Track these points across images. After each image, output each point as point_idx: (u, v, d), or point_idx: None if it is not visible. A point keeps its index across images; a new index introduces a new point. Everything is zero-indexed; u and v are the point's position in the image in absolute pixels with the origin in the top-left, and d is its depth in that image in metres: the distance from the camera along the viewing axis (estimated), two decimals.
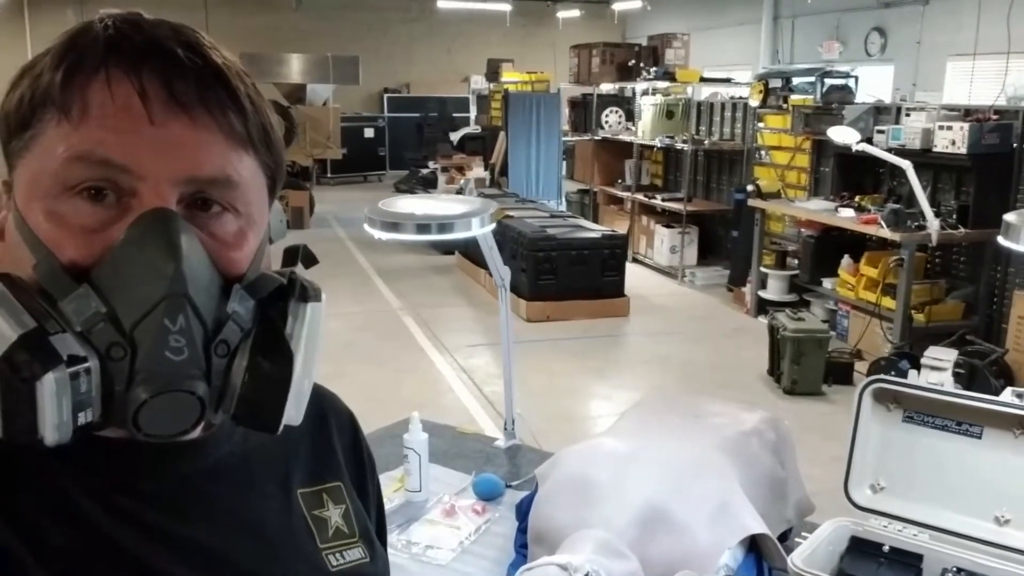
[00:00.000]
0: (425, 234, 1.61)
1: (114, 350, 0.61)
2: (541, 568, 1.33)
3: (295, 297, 0.70)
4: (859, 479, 1.36)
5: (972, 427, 1.28)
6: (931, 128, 5.45)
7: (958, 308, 5.67)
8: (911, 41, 9.84)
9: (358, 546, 0.81)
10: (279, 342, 0.68)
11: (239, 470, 0.75)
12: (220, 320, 0.65)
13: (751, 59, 12.33)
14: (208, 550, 0.69)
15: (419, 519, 1.84)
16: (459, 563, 1.70)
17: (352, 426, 0.90)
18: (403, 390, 5.26)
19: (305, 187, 11.37)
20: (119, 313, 0.61)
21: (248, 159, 0.68)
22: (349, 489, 0.84)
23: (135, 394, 0.61)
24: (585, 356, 6.07)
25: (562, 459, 1.70)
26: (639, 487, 1.54)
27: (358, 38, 15.64)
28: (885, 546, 1.27)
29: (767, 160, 7.67)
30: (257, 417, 0.67)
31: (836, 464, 2.83)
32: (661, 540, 1.47)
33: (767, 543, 1.55)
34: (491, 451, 2.24)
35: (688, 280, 8.20)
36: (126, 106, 0.62)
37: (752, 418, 1.82)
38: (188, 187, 0.65)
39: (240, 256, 0.68)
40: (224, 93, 0.65)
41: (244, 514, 0.74)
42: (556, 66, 13.08)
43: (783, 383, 5.25)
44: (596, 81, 9.84)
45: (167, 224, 0.62)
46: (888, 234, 5.41)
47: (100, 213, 0.63)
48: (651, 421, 1.85)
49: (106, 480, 0.67)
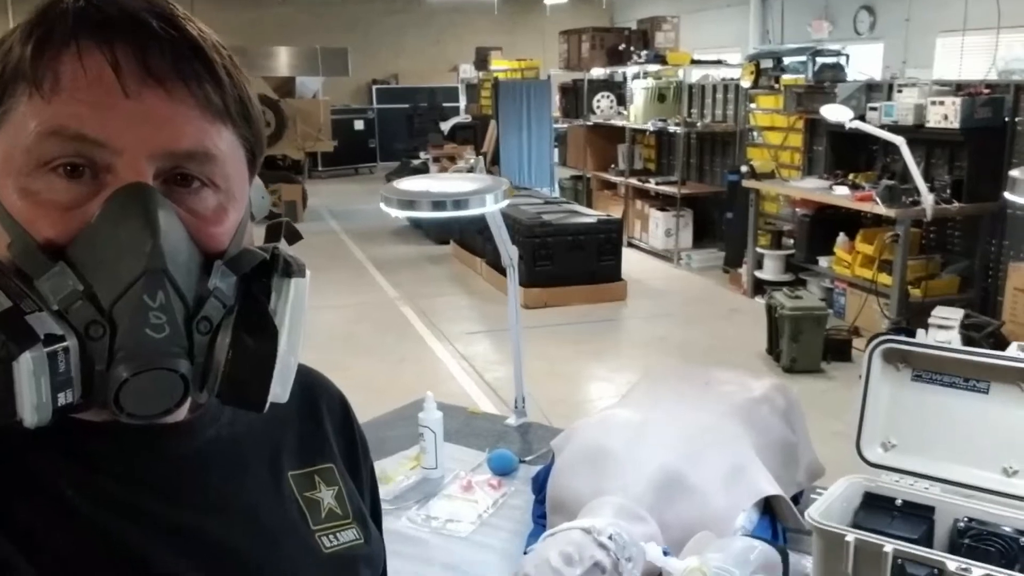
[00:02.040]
0: (440, 211, 1.63)
1: (93, 328, 0.59)
2: (565, 532, 1.36)
3: (278, 273, 0.69)
4: (870, 438, 1.39)
5: (979, 383, 1.32)
6: (923, 104, 5.49)
7: (954, 282, 5.72)
8: (900, 19, 9.85)
9: (352, 527, 0.80)
10: (263, 318, 0.66)
11: (228, 453, 0.73)
12: (201, 296, 0.64)
13: (740, 41, 12.34)
14: (199, 534, 0.68)
15: (437, 495, 1.87)
16: (479, 535, 1.73)
17: (343, 408, 0.89)
18: (404, 379, 5.28)
19: (297, 180, 11.36)
20: (97, 291, 0.60)
21: (226, 132, 0.66)
22: (342, 471, 0.83)
23: (116, 373, 0.59)
24: (584, 340, 6.11)
25: (577, 430, 1.73)
26: (654, 454, 1.57)
27: (345, 30, 15.58)
28: (898, 500, 1.31)
29: (760, 141, 7.70)
30: (242, 395, 0.66)
31: (838, 439, 2.86)
32: (678, 504, 1.50)
33: (781, 505, 1.59)
34: (502, 429, 2.27)
35: (684, 263, 8.24)
36: (99, 79, 0.60)
37: (761, 385, 1.85)
38: (165, 162, 0.63)
39: (220, 232, 0.66)
40: (200, 65, 0.64)
41: (234, 497, 0.73)
42: (545, 53, 13.07)
43: (782, 361, 5.30)
44: (587, 66, 9.84)
45: (144, 199, 0.61)
46: (883, 210, 5.45)
47: (75, 189, 0.61)
48: (662, 391, 1.89)
49: (90, 466, 0.65)
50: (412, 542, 1.70)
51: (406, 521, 1.77)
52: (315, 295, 3.74)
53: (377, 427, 2.27)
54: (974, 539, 1.22)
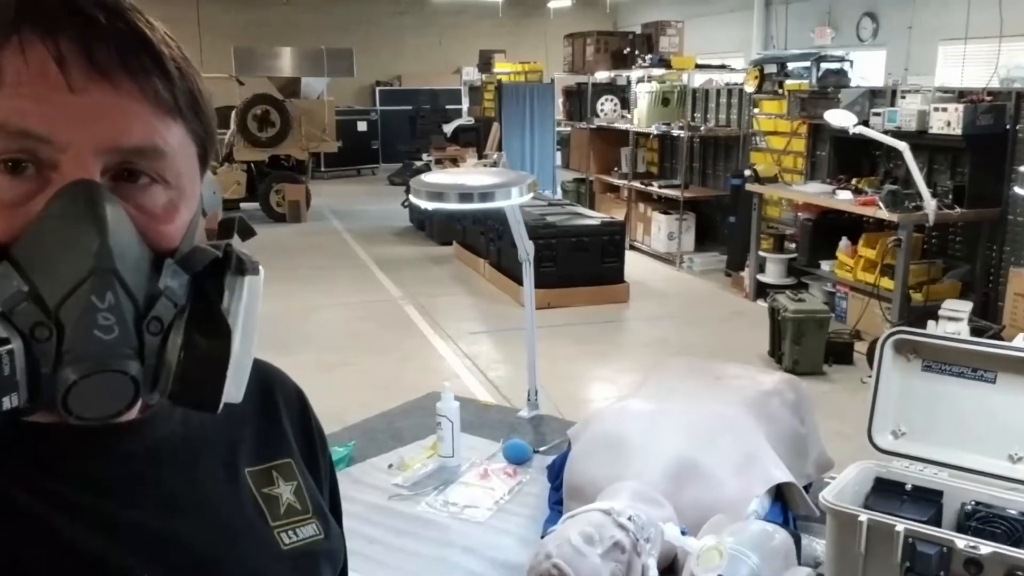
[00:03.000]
0: (467, 203, 1.69)
1: (38, 330, 0.57)
2: (585, 514, 1.41)
3: (231, 271, 0.67)
4: (881, 425, 1.44)
5: (987, 373, 1.37)
6: (926, 110, 5.54)
7: (955, 287, 5.77)
8: (903, 26, 9.93)
9: (312, 522, 0.79)
10: (216, 318, 0.65)
11: (181, 451, 0.72)
12: (152, 296, 0.61)
13: (744, 46, 12.41)
14: (154, 533, 0.67)
15: (455, 482, 1.92)
16: (496, 520, 1.78)
17: (300, 401, 0.87)
18: (408, 377, 5.32)
19: (301, 181, 11.40)
20: (42, 291, 0.58)
21: (176, 127, 0.64)
22: (300, 465, 0.82)
23: (63, 375, 0.57)
24: (587, 341, 6.15)
25: (593, 420, 1.78)
26: (669, 442, 1.62)
27: (348, 31, 15.64)
28: (907, 485, 1.36)
29: (763, 145, 7.75)
30: (195, 396, 0.64)
31: (841, 439, 2.90)
32: (692, 490, 1.55)
33: (792, 492, 1.64)
34: (515, 421, 2.32)
35: (686, 266, 8.29)
36: (42, 73, 0.58)
37: (771, 379, 1.90)
38: (113, 157, 0.61)
39: (171, 229, 0.64)
40: (148, 58, 0.61)
41: (190, 496, 0.71)
42: (548, 56, 13.14)
43: (784, 363, 5.34)
44: (591, 69, 9.90)
45: (91, 196, 0.59)
46: (886, 215, 5.50)
47: (19, 186, 0.59)
48: (675, 384, 1.93)
49: (40, 467, 0.63)
50: (431, 525, 1.74)
51: (425, 506, 1.82)
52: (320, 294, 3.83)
53: (392, 417, 2.31)
54: (981, 521, 1.27)
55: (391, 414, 2.33)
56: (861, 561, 1.24)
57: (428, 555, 1.64)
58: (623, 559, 1.36)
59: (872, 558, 1.23)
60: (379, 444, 2.13)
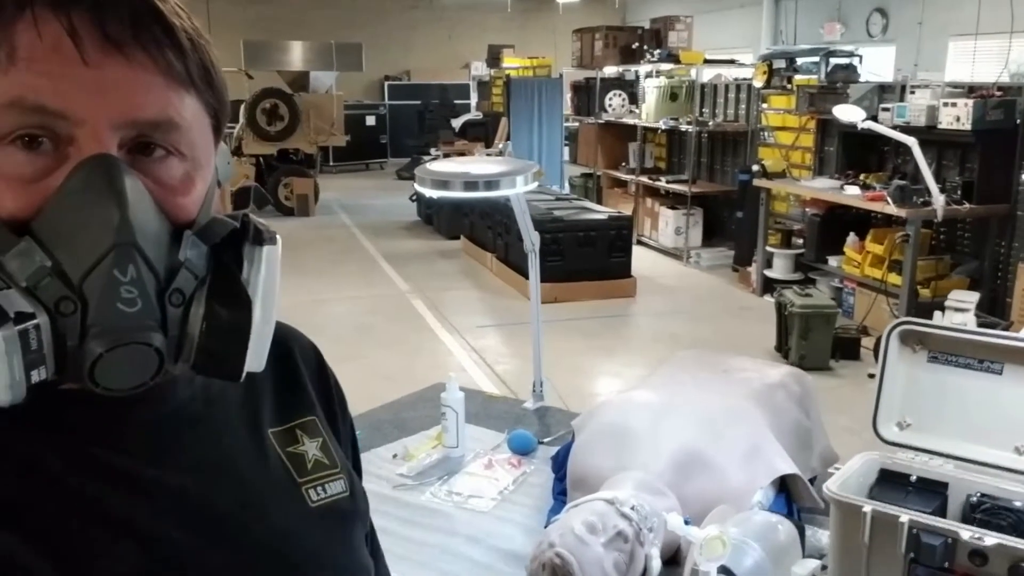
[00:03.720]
0: (472, 191, 1.68)
1: (63, 305, 0.58)
2: (588, 503, 1.41)
3: (249, 241, 0.68)
4: (887, 417, 1.44)
5: (993, 364, 1.37)
6: (936, 105, 5.51)
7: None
8: (912, 21, 9.87)
9: (340, 478, 0.79)
10: (236, 288, 0.65)
11: (204, 414, 0.73)
12: (172, 268, 0.62)
13: (753, 42, 12.37)
14: (182, 494, 0.68)
15: (459, 471, 1.92)
16: (500, 510, 1.78)
17: (317, 359, 0.88)
18: (416, 370, 5.32)
19: (309, 174, 11.41)
20: (65, 266, 0.58)
21: (190, 99, 0.64)
22: (323, 422, 0.82)
23: (89, 349, 0.58)
24: (594, 336, 6.15)
25: (598, 410, 1.78)
26: (674, 433, 1.62)
27: (358, 26, 15.65)
28: (912, 476, 1.35)
29: (771, 140, 7.73)
30: (219, 366, 0.65)
31: (847, 434, 2.89)
32: (696, 481, 1.55)
33: (796, 484, 1.64)
34: (520, 412, 2.32)
35: (693, 261, 8.28)
36: (56, 47, 0.58)
37: (777, 372, 1.90)
38: (129, 131, 0.61)
39: (188, 201, 0.65)
40: (160, 30, 0.61)
41: (215, 457, 0.72)
42: (557, 51, 13.12)
43: (791, 358, 5.32)
44: (599, 64, 9.88)
45: (109, 170, 0.59)
46: (894, 210, 5.48)
47: (36, 162, 0.60)
48: (682, 376, 1.93)
49: (67, 432, 0.65)
50: (436, 515, 1.75)
51: (429, 495, 1.82)
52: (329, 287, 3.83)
53: (398, 408, 2.32)
54: (986, 513, 1.26)
55: (397, 405, 2.34)
56: (865, 552, 1.23)
57: (433, 544, 1.65)
58: (626, 548, 1.36)
59: (876, 549, 1.22)
60: (384, 434, 2.13)
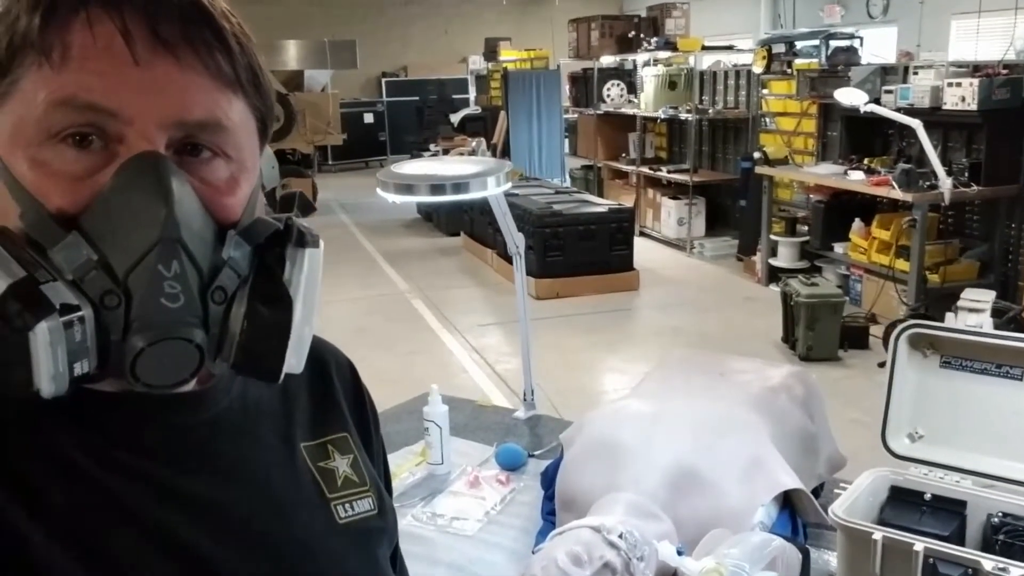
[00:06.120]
0: (439, 195, 1.56)
1: (108, 298, 0.59)
2: (573, 531, 1.30)
3: (292, 243, 0.68)
4: (896, 428, 1.32)
5: (1013, 369, 1.25)
6: (940, 86, 5.38)
7: (973, 267, 5.62)
8: (914, 1, 9.71)
9: (368, 496, 0.79)
10: (278, 288, 0.66)
11: (238, 424, 0.73)
12: (216, 266, 0.63)
13: (751, 27, 12.22)
14: (211, 503, 0.68)
15: (443, 491, 1.81)
16: (486, 533, 1.67)
17: (353, 376, 0.88)
18: (416, 371, 5.24)
19: (307, 174, 11.33)
20: (111, 260, 0.60)
21: (237, 102, 0.66)
22: (355, 439, 0.82)
23: (132, 343, 0.59)
24: (597, 331, 6.04)
25: (587, 423, 1.66)
26: (667, 448, 1.50)
27: (353, 23, 15.52)
28: (927, 494, 1.24)
29: (773, 127, 7.59)
30: (258, 366, 0.66)
31: (857, 427, 2.78)
32: (692, 500, 1.43)
33: (801, 498, 1.52)
34: (511, 422, 2.21)
35: (697, 252, 8.16)
36: (108, 47, 0.60)
37: (779, 373, 1.78)
38: (177, 131, 0.63)
39: (233, 202, 0.66)
40: (210, 32, 0.63)
41: (247, 468, 0.72)
42: (554, 42, 12.98)
43: (798, 349, 5.22)
44: (596, 55, 9.75)
45: (157, 168, 0.61)
46: (900, 195, 5.35)
47: (86, 159, 0.61)
48: (675, 381, 1.82)
49: (102, 435, 0.65)
50: (417, 541, 1.63)
51: (411, 519, 1.71)
52: (327, 289, 3.68)
53: (383, 422, 2.20)
54: (1009, 535, 1.15)
55: (381, 417, 2.22)
56: None
57: (412, 573, 1.53)
58: None
59: None
60: None
